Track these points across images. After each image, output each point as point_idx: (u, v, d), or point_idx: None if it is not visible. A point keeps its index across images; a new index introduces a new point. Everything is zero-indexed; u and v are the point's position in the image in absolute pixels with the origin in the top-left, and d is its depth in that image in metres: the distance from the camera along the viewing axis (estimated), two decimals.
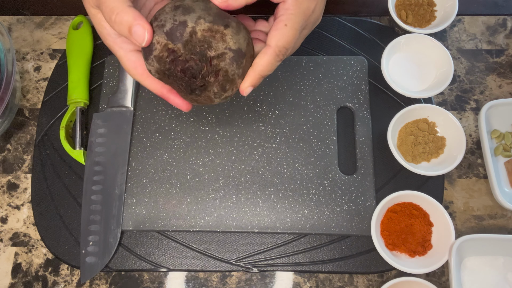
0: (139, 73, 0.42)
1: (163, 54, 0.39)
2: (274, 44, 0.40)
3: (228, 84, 0.40)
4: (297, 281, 0.51)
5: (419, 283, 0.47)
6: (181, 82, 0.40)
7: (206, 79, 0.40)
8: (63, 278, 0.51)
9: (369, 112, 0.55)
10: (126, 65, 0.42)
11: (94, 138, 0.54)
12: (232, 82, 0.40)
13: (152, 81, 0.42)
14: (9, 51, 0.52)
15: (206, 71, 0.39)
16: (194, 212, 0.51)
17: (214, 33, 0.38)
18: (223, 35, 0.38)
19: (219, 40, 0.38)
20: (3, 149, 0.56)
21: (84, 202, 0.51)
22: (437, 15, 0.59)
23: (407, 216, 0.50)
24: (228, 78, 0.40)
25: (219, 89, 0.40)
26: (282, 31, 0.40)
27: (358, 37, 0.59)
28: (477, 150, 0.55)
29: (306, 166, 0.53)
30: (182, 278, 0.51)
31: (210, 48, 0.38)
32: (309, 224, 0.51)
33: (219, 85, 0.40)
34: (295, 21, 0.40)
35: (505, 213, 0.53)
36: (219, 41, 0.38)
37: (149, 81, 0.42)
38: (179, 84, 0.41)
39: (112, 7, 0.38)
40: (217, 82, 0.40)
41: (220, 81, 0.40)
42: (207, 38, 0.38)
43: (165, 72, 0.40)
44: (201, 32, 0.38)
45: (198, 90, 0.40)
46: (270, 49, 0.40)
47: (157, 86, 0.43)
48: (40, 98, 0.58)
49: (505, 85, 0.58)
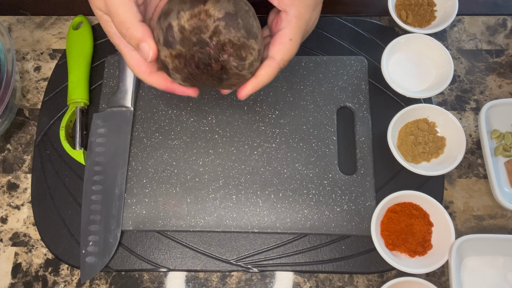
0: (142, 71, 0.43)
1: (175, 63, 0.40)
2: (280, 58, 0.41)
3: (242, 50, 0.39)
4: (297, 281, 0.51)
5: (419, 283, 0.47)
6: (206, 77, 0.41)
7: (220, 60, 0.39)
8: (63, 278, 0.51)
9: (369, 112, 0.55)
10: (129, 63, 0.43)
11: (94, 138, 0.54)
12: (243, 45, 0.39)
13: (155, 77, 0.43)
14: (9, 51, 0.52)
15: (214, 53, 0.39)
16: (194, 212, 0.51)
17: (198, 15, 0.38)
18: (206, 11, 0.38)
19: (205, 18, 0.38)
20: (3, 149, 0.56)
21: (84, 202, 0.51)
22: (437, 15, 0.59)
23: (407, 216, 0.50)
24: (236, 45, 0.39)
25: (238, 60, 0.40)
26: (287, 46, 0.41)
27: (358, 37, 0.59)
28: (477, 150, 0.55)
29: (306, 166, 0.53)
30: (182, 278, 0.51)
31: (203, 30, 0.38)
32: (309, 224, 0.51)
33: (234, 57, 0.39)
34: (299, 34, 0.42)
35: (505, 213, 0.53)
36: (206, 19, 0.38)
37: (151, 78, 0.43)
38: (208, 81, 0.41)
39: (123, 21, 0.39)
40: (230, 55, 0.39)
41: (232, 52, 0.39)
42: (195, 24, 0.38)
43: (189, 77, 0.41)
44: (187, 23, 0.38)
45: (224, 75, 0.40)
46: (275, 63, 0.41)
47: (160, 81, 0.44)
48: (40, 98, 0.58)
49: (505, 85, 0.58)
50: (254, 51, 0.40)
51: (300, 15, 0.41)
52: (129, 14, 0.39)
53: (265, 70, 0.42)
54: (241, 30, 0.39)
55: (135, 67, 0.43)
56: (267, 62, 0.42)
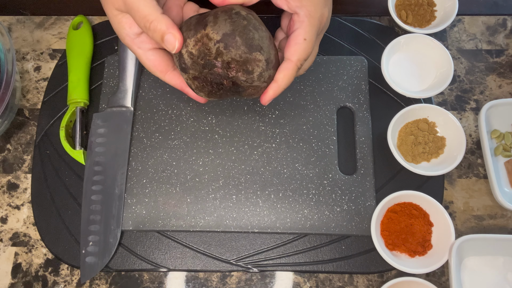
0: (159, 70, 0.45)
1: (196, 84, 0.44)
2: (296, 59, 0.42)
3: (247, 64, 0.41)
4: (297, 281, 0.51)
5: (419, 283, 0.47)
6: (225, 92, 0.44)
7: (229, 77, 0.42)
8: (63, 278, 0.51)
9: (369, 112, 0.55)
10: (146, 64, 0.45)
11: (94, 138, 0.54)
12: (247, 60, 0.41)
13: (172, 76, 0.45)
14: (9, 51, 0.52)
15: (222, 72, 0.41)
16: (194, 212, 0.51)
17: (201, 40, 0.41)
18: (207, 35, 0.40)
19: (207, 42, 0.40)
20: (3, 149, 0.56)
21: (84, 202, 0.51)
22: (437, 15, 0.59)
23: (407, 216, 0.50)
24: (240, 62, 0.41)
25: (246, 74, 0.42)
26: (302, 46, 0.41)
27: (358, 37, 0.59)
28: (477, 150, 0.55)
29: (306, 166, 0.53)
30: (182, 278, 0.51)
31: (208, 53, 0.41)
32: (309, 224, 0.51)
33: (242, 72, 0.42)
34: (313, 33, 0.42)
35: (505, 213, 0.53)
36: (208, 43, 0.40)
37: (169, 77, 0.45)
38: (229, 94, 0.44)
39: (145, 15, 0.40)
40: (237, 71, 0.41)
41: (238, 68, 0.41)
42: (200, 48, 0.41)
43: (212, 93, 0.44)
44: (194, 49, 0.41)
45: (239, 88, 0.43)
46: (292, 64, 0.42)
47: (177, 81, 0.46)
48: (40, 98, 0.58)
49: (505, 85, 0.58)
50: (261, 62, 0.41)
51: (311, 14, 0.42)
52: (150, 8, 0.40)
53: (283, 73, 0.42)
54: (240, 47, 0.40)
55: (151, 67, 0.44)
56: (284, 65, 0.42)
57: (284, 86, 0.43)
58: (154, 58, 0.44)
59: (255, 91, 0.44)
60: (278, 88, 0.43)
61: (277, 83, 0.43)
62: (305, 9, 0.42)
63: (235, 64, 0.41)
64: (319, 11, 0.42)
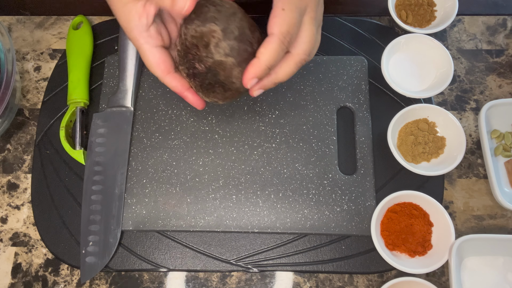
0: (161, 69, 0.43)
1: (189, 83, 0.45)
2: (278, 31, 0.39)
3: (203, 37, 0.41)
4: (297, 281, 0.51)
5: (419, 283, 0.47)
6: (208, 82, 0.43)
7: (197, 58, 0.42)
8: (63, 278, 0.51)
9: (369, 112, 0.55)
10: (150, 60, 0.43)
11: (94, 138, 0.54)
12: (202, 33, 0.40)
13: (172, 79, 0.44)
14: (9, 51, 0.52)
15: (193, 55, 0.42)
16: (194, 212, 0.51)
17: (181, 34, 0.43)
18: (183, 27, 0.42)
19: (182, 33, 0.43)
20: (3, 149, 0.56)
21: (84, 202, 0.51)
22: (437, 15, 0.59)
23: (407, 216, 0.50)
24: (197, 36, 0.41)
25: (204, 49, 0.41)
26: (282, 16, 0.39)
27: (358, 37, 0.59)
28: (477, 150, 0.55)
29: (306, 166, 0.53)
30: (182, 278, 0.51)
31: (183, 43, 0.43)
32: (309, 224, 0.51)
33: (202, 48, 0.41)
34: (291, 4, 0.39)
35: (505, 213, 0.53)
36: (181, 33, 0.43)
37: (169, 79, 0.44)
38: (215, 89, 0.44)
39: None
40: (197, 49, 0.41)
41: (198, 46, 0.41)
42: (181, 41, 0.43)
43: (203, 85, 0.44)
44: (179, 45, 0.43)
45: (212, 71, 0.42)
46: (274, 37, 0.39)
47: (177, 83, 0.44)
48: (40, 98, 0.58)
49: (505, 85, 0.58)
50: (216, 32, 0.40)
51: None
52: None
53: (265, 46, 0.39)
54: (194, 22, 0.40)
55: (154, 66, 0.43)
56: (266, 39, 0.39)
57: (266, 62, 0.39)
58: (159, 56, 0.42)
59: (226, 71, 0.41)
60: (259, 63, 0.39)
61: (258, 58, 0.39)
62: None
63: (196, 41, 0.40)
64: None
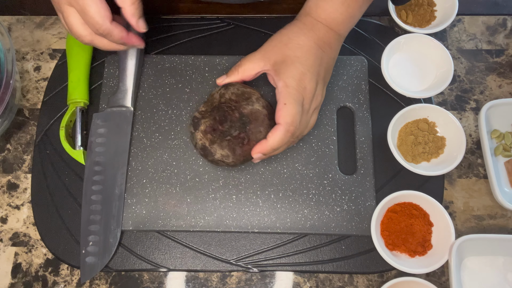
0: (107, 16, 0.45)
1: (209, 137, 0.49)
2: (283, 122, 0.46)
3: (245, 94, 0.49)
4: (297, 281, 0.51)
5: (419, 283, 0.47)
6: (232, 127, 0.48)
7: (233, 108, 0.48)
8: (63, 278, 0.51)
9: (369, 112, 0.55)
10: (94, 9, 0.44)
11: (94, 138, 0.54)
12: (244, 91, 0.50)
13: (115, 25, 0.46)
14: (9, 51, 0.52)
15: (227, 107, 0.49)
16: (194, 212, 0.51)
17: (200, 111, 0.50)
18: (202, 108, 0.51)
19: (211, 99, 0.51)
20: (3, 149, 0.56)
21: (84, 202, 0.51)
22: (437, 15, 0.59)
23: (407, 216, 0.50)
24: (238, 93, 0.49)
25: (244, 100, 0.49)
26: (284, 109, 0.46)
27: (358, 37, 0.59)
28: (477, 150, 0.55)
29: (306, 166, 0.53)
30: (182, 278, 0.51)
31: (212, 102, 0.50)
32: (309, 224, 0.51)
33: (241, 99, 0.49)
34: (292, 99, 0.46)
35: (505, 213, 0.53)
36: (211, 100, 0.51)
37: (114, 25, 0.45)
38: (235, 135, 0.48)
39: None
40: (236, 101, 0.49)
41: (237, 99, 0.49)
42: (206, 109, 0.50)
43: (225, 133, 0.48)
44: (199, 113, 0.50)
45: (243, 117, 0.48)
46: (280, 126, 0.46)
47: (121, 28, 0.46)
48: (40, 98, 0.58)
49: (505, 85, 0.58)
50: (255, 93, 0.50)
51: (287, 84, 0.47)
52: None
53: (273, 133, 0.46)
54: (236, 85, 0.50)
55: (101, 11, 0.44)
56: (275, 127, 0.47)
57: (271, 145, 0.46)
58: (100, 3, 0.44)
59: (258, 121, 0.48)
60: (266, 144, 0.46)
61: (267, 140, 0.47)
62: (282, 81, 0.47)
63: (235, 97, 0.48)
64: (296, 83, 0.47)
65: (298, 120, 0.47)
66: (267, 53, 0.49)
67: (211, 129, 0.48)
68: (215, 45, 0.59)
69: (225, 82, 0.50)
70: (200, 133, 0.48)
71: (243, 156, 0.49)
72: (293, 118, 0.46)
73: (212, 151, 0.48)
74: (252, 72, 0.49)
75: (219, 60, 0.57)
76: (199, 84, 0.56)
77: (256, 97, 0.49)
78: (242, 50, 0.58)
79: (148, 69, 0.57)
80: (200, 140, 0.48)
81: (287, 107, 0.46)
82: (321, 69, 0.49)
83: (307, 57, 0.48)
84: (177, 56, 0.57)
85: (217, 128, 0.48)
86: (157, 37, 0.59)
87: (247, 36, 0.59)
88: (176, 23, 0.60)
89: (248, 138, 0.48)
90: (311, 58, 0.48)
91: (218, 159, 0.48)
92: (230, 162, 0.49)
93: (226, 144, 0.48)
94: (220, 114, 0.48)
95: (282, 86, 0.47)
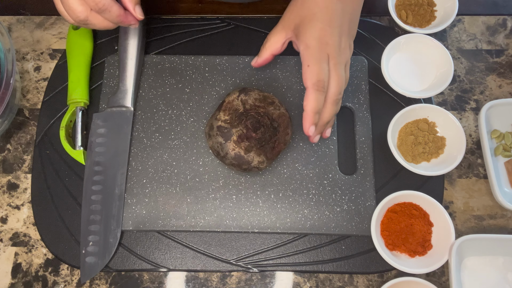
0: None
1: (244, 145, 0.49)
2: (310, 84, 0.46)
3: (267, 98, 0.50)
4: (297, 281, 0.51)
5: (419, 283, 0.47)
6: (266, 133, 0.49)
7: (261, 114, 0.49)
8: (63, 278, 0.51)
9: (369, 112, 0.55)
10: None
11: (94, 138, 0.54)
12: (264, 96, 0.50)
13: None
14: (9, 51, 0.52)
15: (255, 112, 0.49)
16: (194, 212, 0.51)
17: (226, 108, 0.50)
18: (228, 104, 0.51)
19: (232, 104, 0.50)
20: (3, 149, 0.56)
21: (84, 202, 0.51)
22: (437, 15, 0.59)
23: (407, 216, 0.50)
24: (260, 98, 0.50)
25: (269, 105, 0.50)
26: (308, 72, 0.46)
27: (358, 37, 0.59)
28: (477, 150, 0.55)
29: (306, 166, 0.53)
30: (182, 278, 0.51)
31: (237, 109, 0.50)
32: (309, 224, 0.51)
33: (267, 104, 0.49)
34: (314, 59, 0.46)
35: (505, 213, 0.53)
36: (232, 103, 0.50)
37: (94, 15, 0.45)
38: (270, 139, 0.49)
39: None
40: (263, 107, 0.49)
41: (262, 105, 0.49)
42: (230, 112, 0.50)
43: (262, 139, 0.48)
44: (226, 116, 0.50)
45: (274, 122, 0.49)
46: (309, 89, 0.46)
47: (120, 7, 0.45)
48: (40, 98, 0.58)
49: (505, 85, 0.58)
50: (276, 98, 0.51)
51: (308, 44, 0.46)
52: None
53: (305, 99, 0.46)
54: (254, 90, 0.50)
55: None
56: (305, 93, 0.46)
57: (312, 109, 0.46)
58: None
59: (285, 123, 0.49)
60: (307, 113, 0.46)
61: (305, 110, 0.46)
62: (303, 43, 0.47)
63: (258, 102, 0.49)
64: (316, 42, 0.46)
65: (325, 77, 0.46)
66: (286, 20, 0.48)
67: (245, 138, 0.48)
68: (215, 45, 0.59)
69: (258, 62, 0.51)
70: (233, 143, 0.48)
71: (273, 159, 0.50)
72: (318, 77, 0.46)
73: (248, 160, 0.48)
74: (278, 44, 0.49)
75: (219, 60, 0.57)
76: (199, 84, 0.56)
77: (278, 100, 0.50)
78: (242, 50, 0.58)
79: (148, 69, 0.57)
80: (233, 150, 0.48)
81: (310, 68, 0.46)
82: (343, 22, 0.48)
83: (325, 12, 0.47)
84: (177, 56, 0.57)
85: (250, 136, 0.48)
86: (157, 37, 0.59)
87: (247, 36, 0.59)
88: (176, 23, 0.60)
89: (278, 141, 0.49)
90: (329, 13, 0.47)
91: (254, 166, 0.49)
92: (263, 167, 0.50)
93: (262, 150, 0.48)
94: (252, 121, 0.48)
95: (303, 48, 0.47)
